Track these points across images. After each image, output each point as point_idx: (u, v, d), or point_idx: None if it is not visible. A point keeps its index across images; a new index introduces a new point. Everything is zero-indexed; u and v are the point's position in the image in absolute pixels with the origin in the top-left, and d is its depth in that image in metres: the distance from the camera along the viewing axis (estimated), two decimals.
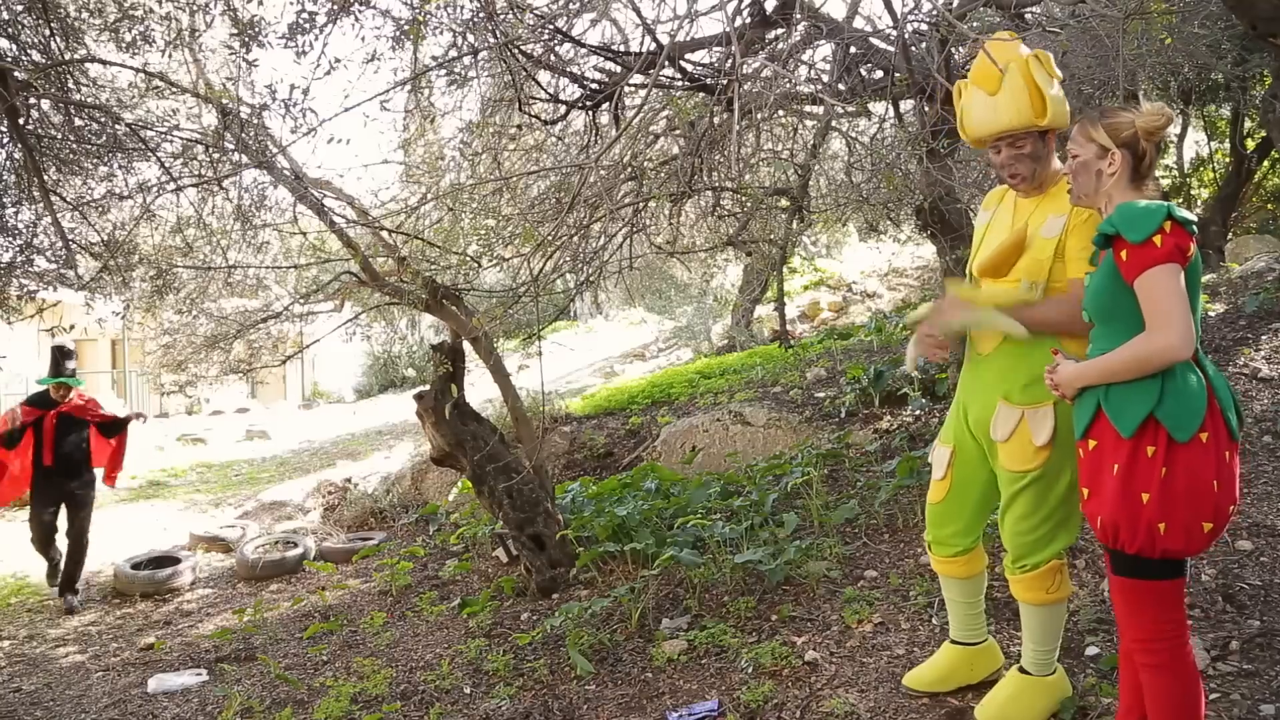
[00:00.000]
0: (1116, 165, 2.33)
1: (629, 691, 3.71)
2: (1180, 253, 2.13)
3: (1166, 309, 2.11)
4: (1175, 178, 11.05)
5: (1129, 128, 2.31)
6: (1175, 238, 2.14)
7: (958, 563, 3.07)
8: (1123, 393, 2.20)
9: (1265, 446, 4.64)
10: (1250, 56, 7.32)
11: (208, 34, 4.95)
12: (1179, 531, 2.13)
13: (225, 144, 4.65)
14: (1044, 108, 2.73)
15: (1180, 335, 2.10)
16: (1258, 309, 6.36)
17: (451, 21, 4.34)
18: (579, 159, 5.26)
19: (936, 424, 5.98)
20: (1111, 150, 2.33)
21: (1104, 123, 2.34)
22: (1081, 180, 2.40)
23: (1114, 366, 2.20)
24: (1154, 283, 2.13)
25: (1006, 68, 2.76)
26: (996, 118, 2.78)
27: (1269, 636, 3.16)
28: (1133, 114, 2.33)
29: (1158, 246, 2.13)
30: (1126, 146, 2.32)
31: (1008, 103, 2.76)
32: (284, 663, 4.81)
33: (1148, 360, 2.14)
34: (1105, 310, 2.28)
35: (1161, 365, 2.14)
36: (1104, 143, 2.34)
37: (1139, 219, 2.16)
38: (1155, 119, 2.29)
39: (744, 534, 4.76)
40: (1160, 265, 2.12)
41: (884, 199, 5.76)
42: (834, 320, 14.61)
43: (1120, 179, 2.34)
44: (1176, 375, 2.16)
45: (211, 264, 5.81)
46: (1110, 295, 2.25)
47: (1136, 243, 2.15)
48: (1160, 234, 2.13)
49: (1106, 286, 2.26)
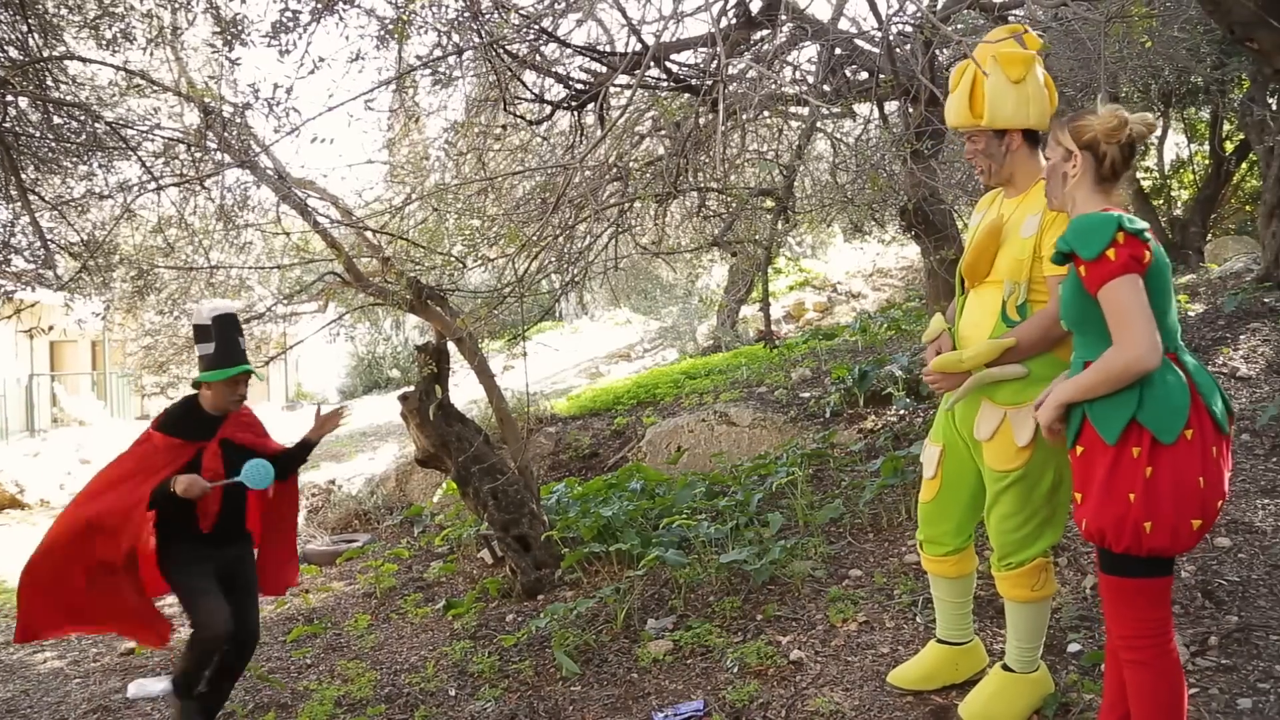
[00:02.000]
0: (1079, 168, 2.36)
1: (614, 692, 3.70)
2: (1136, 262, 2.15)
3: (1128, 322, 2.14)
4: (1156, 179, 11.14)
5: (1089, 130, 2.35)
6: (1129, 248, 2.15)
7: (948, 562, 3.09)
8: (1105, 401, 2.22)
9: (1243, 444, 4.69)
10: (1228, 60, 7.39)
11: (190, 32, 4.92)
12: (1165, 530, 2.15)
13: (208, 143, 4.63)
14: (981, 109, 2.80)
15: (1145, 346, 2.13)
16: (1236, 309, 6.42)
17: (436, 21, 4.34)
18: (564, 159, 5.26)
19: (921, 423, 6.01)
20: (1074, 153, 2.37)
21: (1069, 126, 2.39)
22: (1052, 184, 2.45)
23: (1089, 385, 2.23)
24: (1113, 296, 2.15)
25: (964, 70, 2.85)
26: (947, 113, 2.95)
27: (1246, 632, 3.20)
28: (1094, 117, 2.36)
29: (1112, 260, 2.15)
30: (1088, 149, 2.35)
31: (953, 102, 2.89)
32: (267, 666, 4.78)
33: (1119, 375, 2.17)
34: (1077, 320, 2.32)
35: (1133, 377, 2.16)
36: (1068, 146, 2.38)
37: (1090, 234, 2.19)
38: (1109, 120, 2.33)
39: (729, 534, 4.77)
40: (1117, 278, 2.15)
41: (868, 200, 5.78)
42: (819, 320, 14.65)
43: (1083, 181, 2.37)
44: (1155, 378, 2.18)
45: (194, 264, 5.77)
46: (1079, 307, 2.28)
47: (1090, 259, 2.17)
48: (1113, 246, 2.15)
49: (1074, 298, 2.29)
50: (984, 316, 2.84)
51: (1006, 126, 2.81)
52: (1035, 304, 2.74)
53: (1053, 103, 2.89)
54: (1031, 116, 2.81)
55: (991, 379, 2.73)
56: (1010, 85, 2.78)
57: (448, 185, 5.38)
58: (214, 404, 3.73)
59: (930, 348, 2.99)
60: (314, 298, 5.95)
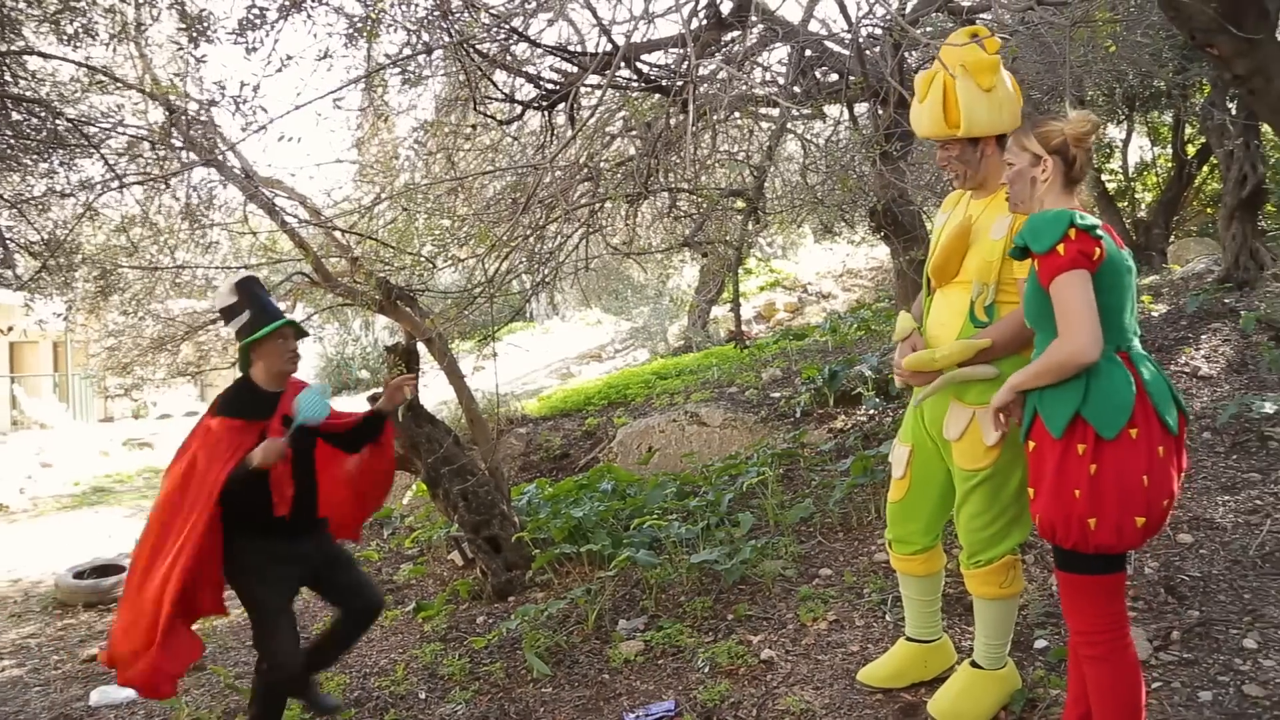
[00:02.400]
0: (1049, 172, 2.41)
1: (586, 693, 3.70)
2: (1085, 258, 2.20)
3: (1071, 316, 2.19)
4: (1121, 181, 11.30)
5: (1059, 135, 2.39)
6: (1079, 244, 2.21)
7: (917, 561, 3.11)
8: (1053, 395, 2.28)
9: (1204, 442, 4.77)
10: (1190, 66, 7.51)
11: (154, 28, 4.85)
12: (1110, 527, 2.20)
13: (173, 141, 4.56)
14: (957, 120, 2.83)
15: (1086, 339, 2.17)
16: (1198, 309, 6.53)
17: (406, 19, 4.31)
18: (535, 159, 5.24)
19: (890, 423, 6.05)
20: (1044, 158, 2.41)
21: (1035, 132, 2.43)
22: (1018, 188, 2.48)
23: (1035, 374, 2.29)
24: (1060, 290, 2.21)
25: (932, 79, 2.88)
26: (919, 124, 2.97)
27: (1208, 626, 3.25)
28: (1061, 122, 2.41)
29: (1061, 255, 2.20)
30: (1058, 153, 2.40)
31: (925, 112, 2.91)
32: (234, 671, 4.72)
33: (1061, 365, 2.22)
34: (1036, 317, 2.37)
35: (1074, 369, 2.21)
36: (1036, 150, 2.42)
37: (1042, 229, 2.24)
38: (1082, 125, 2.38)
39: (700, 534, 4.78)
40: (1065, 273, 2.20)
41: (838, 201, 5.82)
42: (790, 321, 14.72)
43: (1053, 185, 2.42)
44: (1101, 375, 2.23)
45: (158, 264, 5.69)
46: (1037, 303, 2.33)
47: (1042, 252, 2.23)
48: (1064, 242, 2.21)
49: (1033, 295, 2.34)
50: (951, 317, 2.86)
51: (983, 134, 2.85)
52: (1004, 305, 2.77)
53: (1020, 101, 2.93)
54: (1004, 121, 2.85)
55: (963, 378, 2.75)
56: (982, 93, 2.82)
57: (417, 185, 5.35)
58: (269, 371, 3.39)
59: (902, 345, 3.01)
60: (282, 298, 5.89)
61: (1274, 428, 4.70)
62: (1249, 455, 4.55)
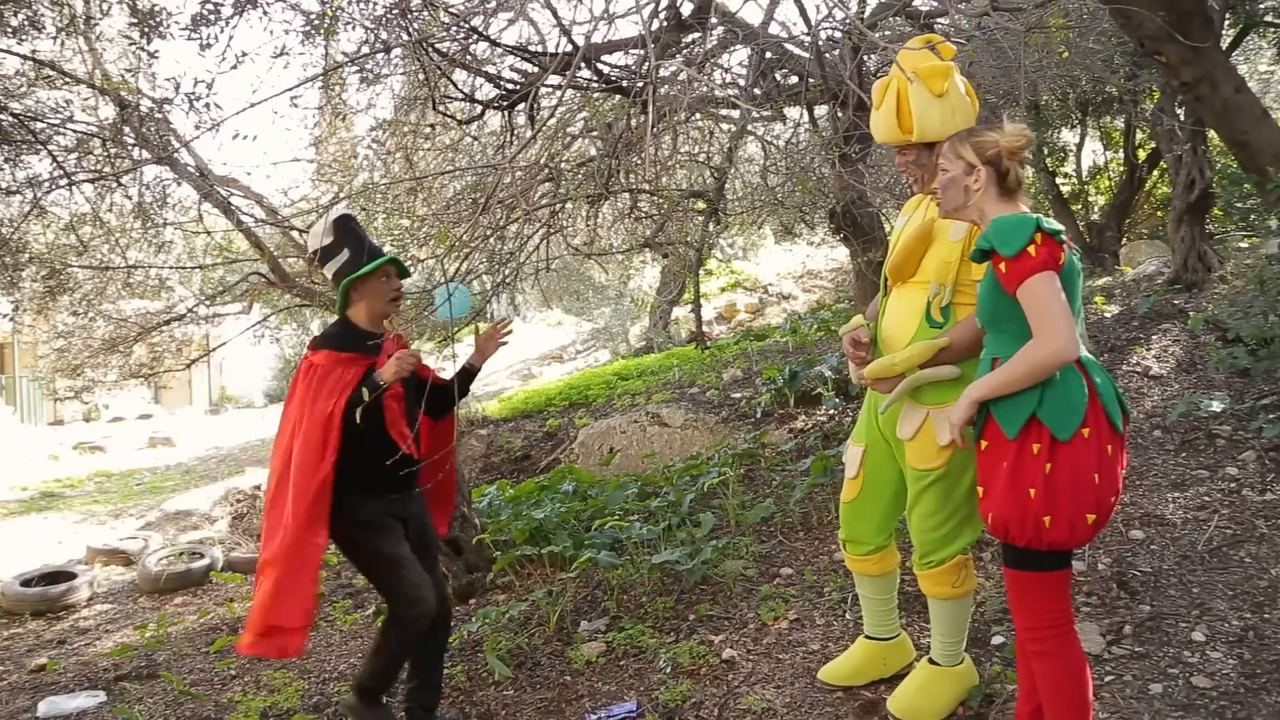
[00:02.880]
0: (981, 181, 2.45)
1: (547, 695, 3.68)
2: (1053, 260, 2.25)
3: (1050, 316, 2.22)
4: (1074, 185, 11.51)
5: (993, 146, 2.44)
6: (1047, 247, 2.25)
7: (871, 560, 3.14)
8: (1008, 397, 2.31)
9: (1155, 441, 4.87)
10: (1140, 72, 7.68)
11: (105, 22, 4.75)
12: (1063, 524, 2.24)
13: (124, 138, 4.47)
14: (910, 125, 2.89)
15: (1066, 338, 2.21)
16: (1149, 310, 6.68)
17: (364, 17, 4.26)
18: (495, 159, 5.21)
19: (850, 423, 6.11)
20: (977, 167, 2.45)
21: (971, 141, 2.48)
22: (950, 194, 2.52)
23: (1010, 379, 2.29)
24: (1034, 292, 2.24)
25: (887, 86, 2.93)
26: (876, 131, 3.03)
27: (1158, 620, 3.32)
28: (997, 134, 2.46)
29: (1032, 257, 2.24)
30: (990, 164, 2.45)
31: (881, 119, 2.97)
32: (189, 679, 4.63)
33: (1040, 366, 2.24)
34: (993, 318, 2.40)
35: (1053, 369, 2.24)
36: (970, 160, 2.46)
37: (1011, 233, 2.28)
38: (1016, 139, 2.43)
39: (661, 535, 4.78)
40: (1037, 274, 2.23)
41: (798, 203, 5.86)
42: (750, 322, 14.80)
43: (987, 193, 2.46)
44: (1057, 377, 2.27)
45: (109, 264, 5.57)
46: (995, 304, 2.36)
47: (1011, 256, 2.26)
48: (1033, 245, 2.25)
49: (991, 296, 2.38)
50: (908, 317, 2.89)
51: (936, 139, 2.88)
52: (960, 306, 2.80)
53: (974, 106, 2.97)
54: (958, 125, 2.88)
55: (925, 380, 2.77)
56: (934, 99, 2.86)
57: (376, 184, 5.29)
58: (371, 311, 3.25)
59: (847, 337, 3.03)
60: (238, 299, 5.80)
61: (1221, 426, 4.82)
62: (1197, 453, 4.66)
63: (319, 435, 3.06)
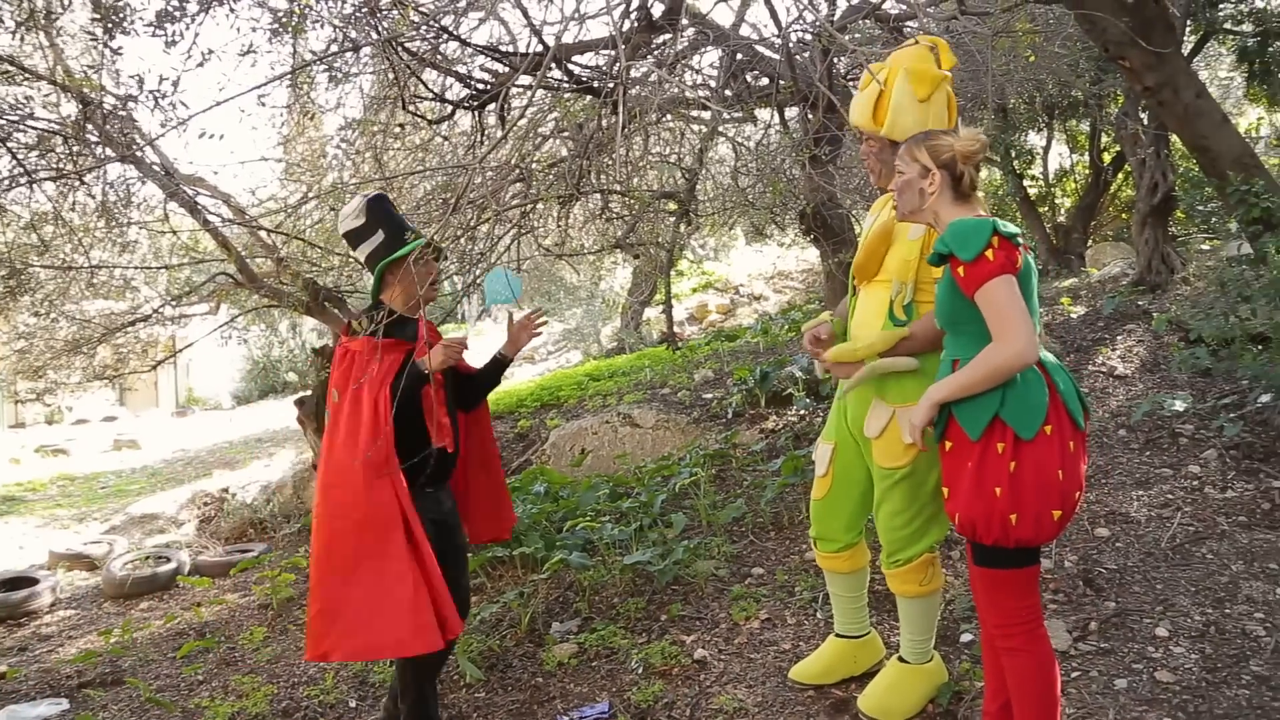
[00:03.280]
0: (936, 184, 2.47)
1: (519, 697, 3.67)
2: (1011, 264, 2.27)
3: (1009, 319, 2.24)
4: (1041, 187, 11.64)
5: (948, 150, 2.46)
6: (1004, 251, 2.27)
7: (840, 558, 3.16)
8: (969, 399, 2.33)
9: (1120, 440, 4.94)
10: (1105, 76, 7.80)
11: (66, 17, 4.67)
12: (1029, 521, 2.27)
13: (87, 135, 4.40)
14: (883, 118, 2.89)
15: (1026, 341, 2.23)
16: (1114, 311, 6.77)
17: (332, 15, 4.22)
18: (465, 159, 5.19)
19: (821, 423, 6.14)
20: (932, 171, 2.47)
21: (926, 145, 2.49)
22: (906, 197, 2.54)
23: (970, 381, 2.32)
24: (993, 295, 2.26)
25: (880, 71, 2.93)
26: (852, 110, 3.03)
27: (1123, 616, 3.37)
28: (952, 138, 2.48)
29: (990, 261, 2.26)
30: (945, 168, 2.47)
31: (859, 101, 2.98)
32: (155, 685, 4.57)
33: (1000, 369, 2.27)
34: (951, 320, 2.42)
35: (1013, 372, 2.26)
36: (926, 163, 2.48)
37: (968, 237, 2.30)
38: (971, 144, 2.46)
39: (633, 535, 4.78)
40: (996, 278, 2.25)
41: (769, 204, 5.88)
42: (722, 322, 14.84)
43: (942, 197, 2.48)
44: (1017, 378, 2.29)
45: (72, 263, 5.49)
46: (953, 307, 2.39)
47: (969, 260, 2.28)
48: (990, 249, 2.27)
49: (948, 299, 2.40)
50: (873, 315, 2.92)
51: (902, 139, 2.89)
52: (922, 304, 2.83)
53: (952, 122, 2.97)
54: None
55: (884, 369, 2.80)
56: (915, 101, 2.86)
57: (346, 184, 5.25)
58: (408, 296, 3.10)
59: (808, 334, 3.05)
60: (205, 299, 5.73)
61: (1184, 425, 4.89)
62: (1161, 451, 4.73)
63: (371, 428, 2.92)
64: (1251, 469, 4.38)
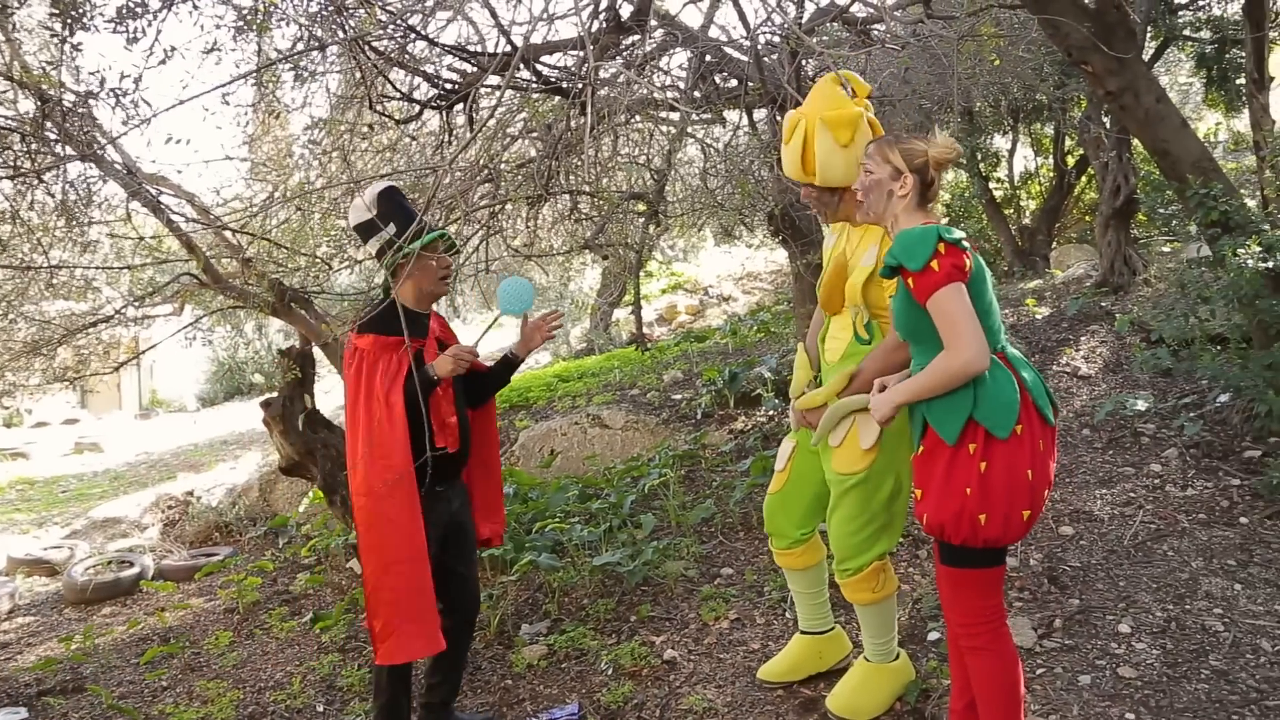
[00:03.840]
0: (908, 188, 2.48)
1: (489, 700, 3.66)
2: (958, 270, 2.28)
3: (958, 328, 2.25)
4: (1006, 190, 11.78)
5: (922, 155, 2.47)
6: (950, 258, 2.27)
7: (794, 554, 3.20)
8: (942, 403, 2.34)
9: (1084, 439, 5.01)
10: (1069, 81, 7.90)
11: (23, 12, 4.58)
12: (998, 521, 2.29)
13: (46, 133, 4.32)
14: (814, 170, 2.93)
15: (975, 350, 2.24)
16: (1077, 312, 6.87)
17: (298, 13, 4.18)
18: (433, 160, 5.16)
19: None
20: (905, 174, 2.47)
21: (900, 147, 2.49)
22: (873, 198, 2.53)
23: (922, 388, 2.34)
24: (941, 305, 2.26)
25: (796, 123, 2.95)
26: (784, 163, 3.05)
27: (1087, 613, 3.42)
28: (926, 144, 2.48)
29: (936, 271, 2.26)
30: (917, 172, 2.47)
31: (788, 155, 3.00)
32: (118, 692, 4.50)
33: (952, 377, 2.28)
34: (912, 331, 2.43)
35: (965, 379, 2.28)
36: (899, 165, 2.48)
37: (913, 247, 2.30)
38: (946, 151, 2.46)
39: (603, 536, 4.78)
40: (944, 288, 2.26)
41: (738, 205, 5.90)
42: (691, 323, 14.86)
43: (909, 201, 2.49)
44: (986, 378, 2.31)
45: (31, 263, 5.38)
46: (910, 317, 2.40)
47: (916, 270, 2.28)
48: (936, 258, 2.27)
49: (905, 310, 2.40)
50: (841, 330, 3.01)
51: (838, 185, 2.93)
52: (882, 321, 2.90)
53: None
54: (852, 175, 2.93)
55: (844, 410, 2.83)
56: (839, 148, 2.88)
57: (312, 184, 5.20)
58: (419, 291, 3.08)
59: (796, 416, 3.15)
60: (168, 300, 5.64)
61: (1145, 424, 4.98)
62: (1123, 450, 4.81)
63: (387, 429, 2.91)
64: (1211, 467, 4.46)
